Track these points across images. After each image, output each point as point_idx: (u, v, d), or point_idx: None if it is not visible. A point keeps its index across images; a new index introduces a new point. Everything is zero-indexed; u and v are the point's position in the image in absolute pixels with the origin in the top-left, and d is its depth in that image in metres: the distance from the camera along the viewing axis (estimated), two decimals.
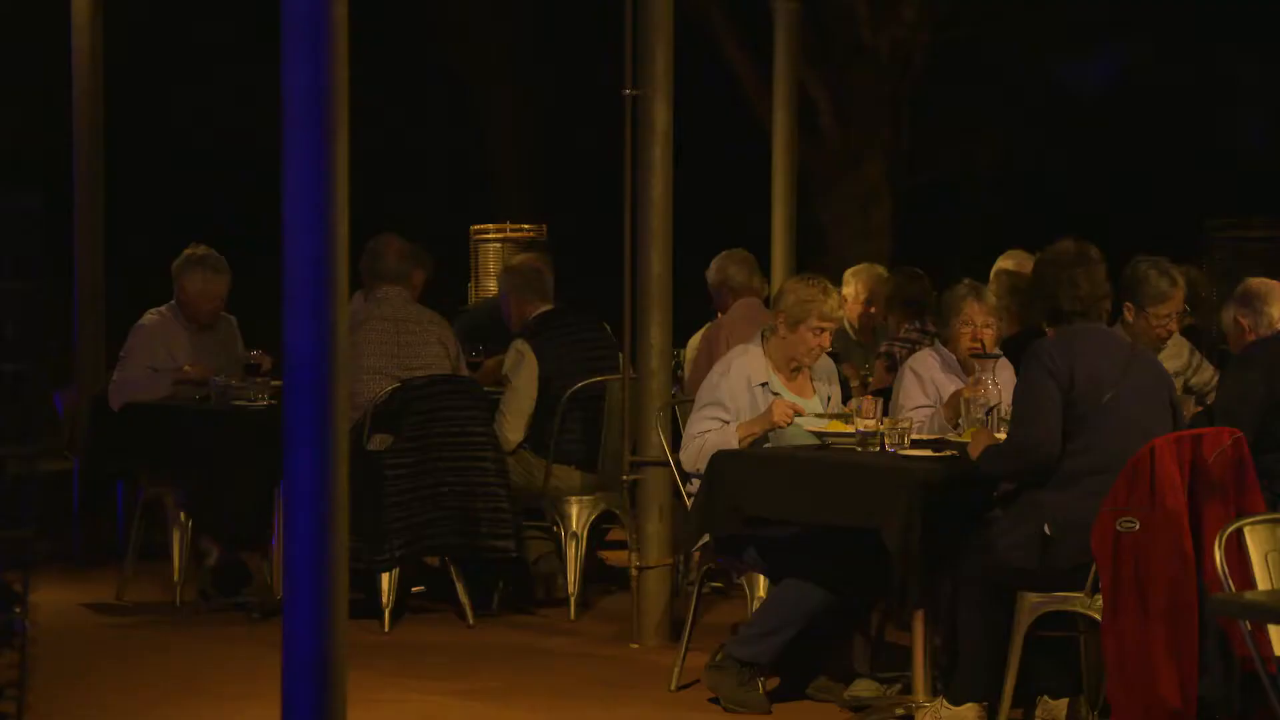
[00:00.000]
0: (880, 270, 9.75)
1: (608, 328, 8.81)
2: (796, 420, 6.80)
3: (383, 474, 7.79)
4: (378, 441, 7.84)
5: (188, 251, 8.68)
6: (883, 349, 8.94)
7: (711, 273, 9.07)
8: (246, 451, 8.03)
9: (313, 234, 3.36)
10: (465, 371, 8.45)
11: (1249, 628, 4.41)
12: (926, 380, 7.20)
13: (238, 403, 8.26)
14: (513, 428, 8.35)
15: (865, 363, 9.13)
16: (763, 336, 7.02)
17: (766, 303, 9.24)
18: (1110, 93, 17.19)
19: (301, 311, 3.38)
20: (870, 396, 6.86)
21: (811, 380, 7.04)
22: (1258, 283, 6.90)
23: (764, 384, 6.90)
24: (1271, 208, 12.29)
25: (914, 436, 6.59)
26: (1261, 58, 15.70)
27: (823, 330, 6.87)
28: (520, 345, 8.42)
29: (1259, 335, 6.74)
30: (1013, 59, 16.77)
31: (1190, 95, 17.12)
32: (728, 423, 6.82)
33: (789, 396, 6.88)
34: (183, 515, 8.35)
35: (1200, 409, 7.07)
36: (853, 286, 9.54)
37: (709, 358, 8.33)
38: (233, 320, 8.89)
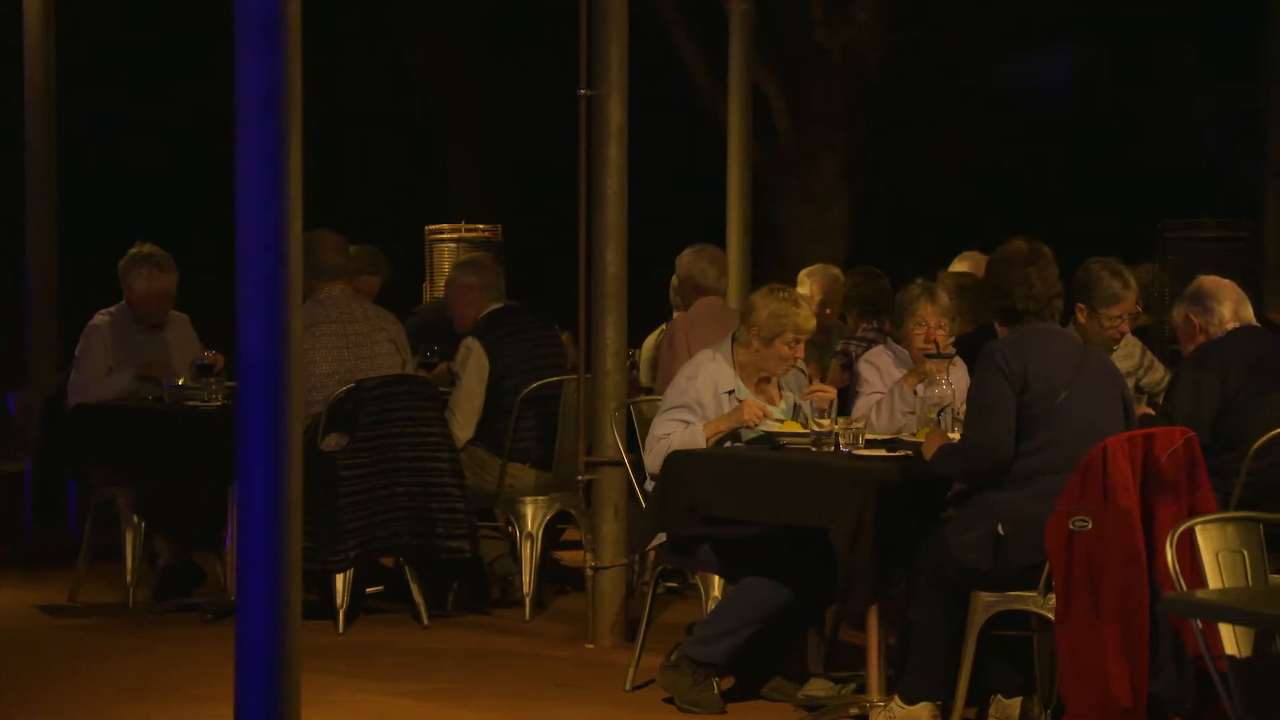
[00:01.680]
0: (835, 271, 9.77)
1: (556, 327, 8.81)
2: (765, 424, 6.81)
3: (337, 474, 7.77)
4: (332, 442, 7.82)
5: (133, 250, 8.66)
6: (839, 348, 8.96)
7: (681, 266, 9.00)
8: (199, 452, 8.00)
9: (266, 233, 3.35)
10: (414, 367, 8.43)
11: (1200, 626, 4.43)
12: (884, 371, 7.25)
13: (191, 403, 8.24)
14: (461, 424, 8.34)
15: (822, 362, 9.15)
16: (731, 343, 6.99)
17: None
18: (1063, 94, 17.27)
19: (255, 311, 3.38)
20: (821, 384, 6.89)
21: (780, 390, 7.04)
22: (1209, 281, 6.92)
23: (730, 391, 6.90)
24: (1223, 208, 12.37)
25: (869, 435, 6.61)
26: (1211, 63, 15.80)
27: (797, 342, 6.88)
28: (470, 342, 8.42)
29: (1210, 334, 6.76)
30: (967, 60, 16.82)
31: (1142, 97, 17.21)
32: (693, 423, 6.82)
33: (756, 401, 6.89)
34: (135, 516, 8.31)
35: (1149, 411, 7.10)
36: (807, 287, 9.56)
37: (671, 355, 8.33)
38: (185, 319, 8.85)
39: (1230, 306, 6.78)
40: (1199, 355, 6.71)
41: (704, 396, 6.86)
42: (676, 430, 6.81)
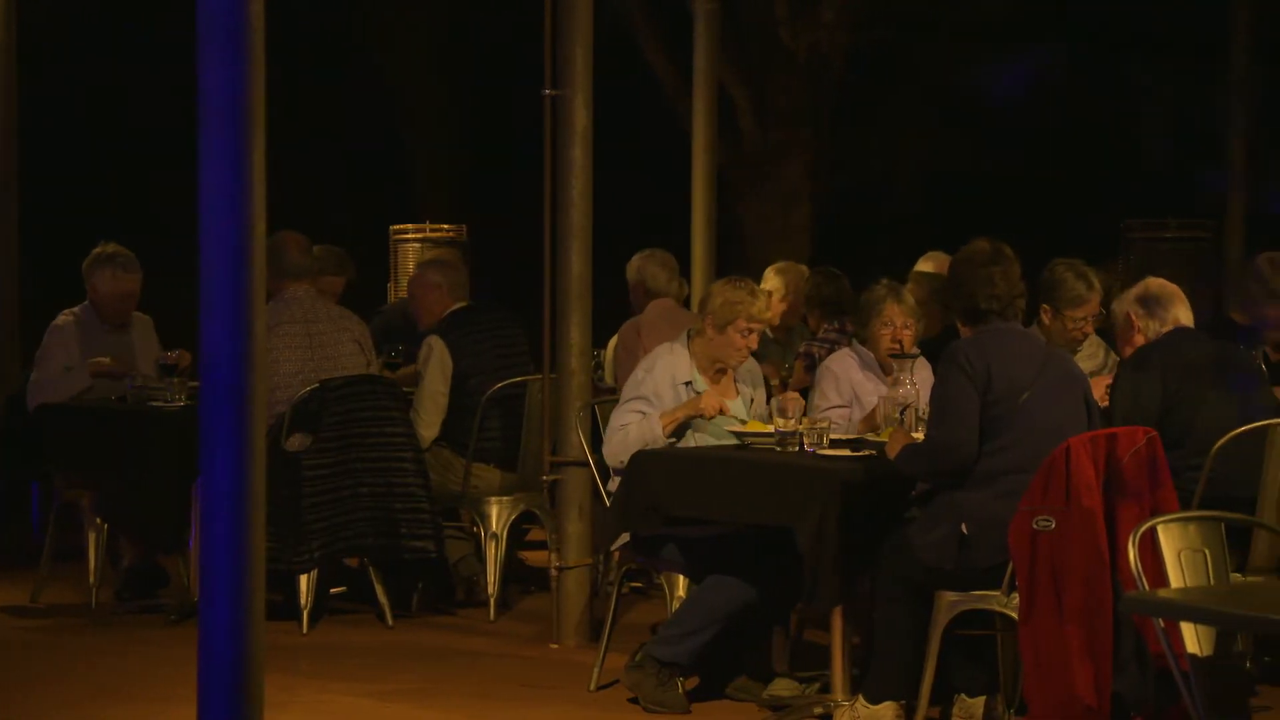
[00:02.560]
0: (803, 269, 9.80)
1: (520, 326, 8.81)
2: (717, 420, 6.83)
3: (301, 475, 7.75)
4: (296, 442, 7.81)
5: (97, 250, 8.63)
6: (802, 349, 8.98)
7: (631, 270, 9.10)
8: (163, 453, 7.98)
9: (229, 232, 3.35)
10: (379, 368, 8.42)
11: (1162, 625, 4.45)
12: (844, 380, 7.24)
13: (154, 404, 8.21)
14: (426, 424, 8.34)
15: (784, 361, 9.17)
16: (688, 336, 7.03)
17: (686, 305, 9.27)
18: (1027, 96, 17.34)
19: (219, 312, 3.37)
20: (793, 393, 6.90)
21: (735, 382, 7.06)
22: (1157, 284, 6.93)
23: (688, 383, 6.92)
24: (1185, 209, 12.44)
25: (833, 436, 6.62)
26: (1169, 65, 15.90)
27: (750, 331, 6.90)
28: (432, 340, 8.41)
29: (1148, 336, 6.78)
30: (932, 61, 16.87)
31: (1104, 100, 17.29)
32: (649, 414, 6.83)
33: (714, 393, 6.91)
34: (98, 517, 8.28)
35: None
36: (776, 282, 9.58)
37: (628, 355, 8.35)
38: (148, 320, 8.83)
39: (1174, 313, 6.79)
40: (1138, 357, 6.72)
41: (661, 388, 6.87)
42: (634, 421, 6.82)
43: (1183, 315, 6.80)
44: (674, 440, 6.82)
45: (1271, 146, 12.51)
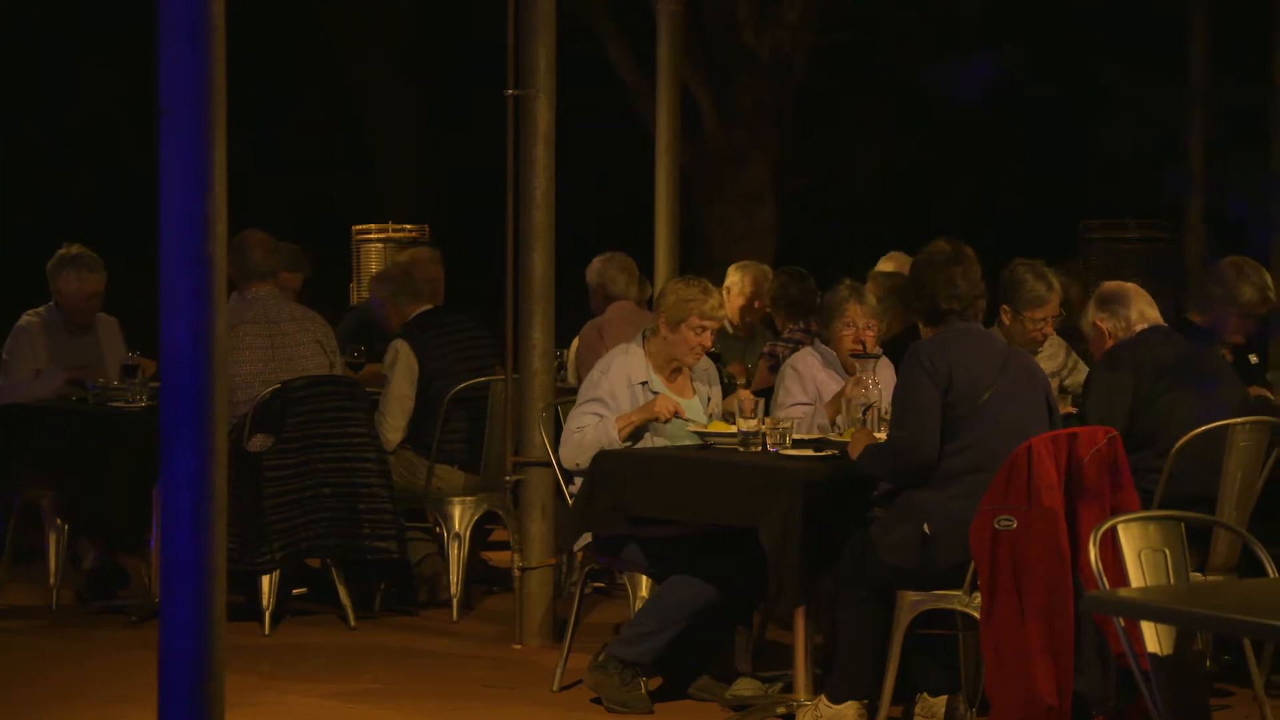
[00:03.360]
0: (765, 268, 9.82)
1: (487, 328, 8.81)
2: (678, 420, 6.83)
3: (263, 476, 7.73)
4: (258, 443, 7.78)
5: (61, 251, 8.61)
6: (766, 349, 9.00)
7: (591, 273, 9.12)
8: (124, 453, 7.95)
9: (190, 233, 3.33)
10: (342, 368, 8.41)
11: (1123, 624, 4.47)
12: (807, 378, 7.25)
13: (115, 404, 8.19)
14: (392, 427, 8.32)
15: (748, 361, 9.18)
16: (644, 336, 7.04)
17: (649, 307, 9.27)
18: (988, 96, 17.40)
19: (179, 311, 3.36)
20: (749, 393, 6.91)
21: (692, 381, 7.07)
22: (1112, 286, 6.98)
23: (644, 383, 6.93)
24: (1144, 209, 12.49)
25: (795, 436, 6.63)
26: (1129, 67, 15.98)
27: (704, 329, 6.90)
28: (398, 344, 8.41)
29: (1118, 337, 6.81)
30: (894, 62, 16.91)
31: (1065, 100, 17.35)
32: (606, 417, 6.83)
33: (670, 395, 6.91)
34: (59, 518, 8.25)
35: (1075, 409, 7.16)
36: (734, 278, 9.59)
37: (590, 356, 8.35)
38: (114, 321, 8.80)
39: (1135, 308, 6.82)
40: (1110, 357, 6.75)
41: (617, 389, 6.88)
42: (590, 424, 6.82)
43: (1149, 311, 6.83)
44: (630, 444, 6.82)
45: (1228, 149, 12.57)
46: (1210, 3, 12.61)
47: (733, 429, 6.65)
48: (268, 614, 7.81)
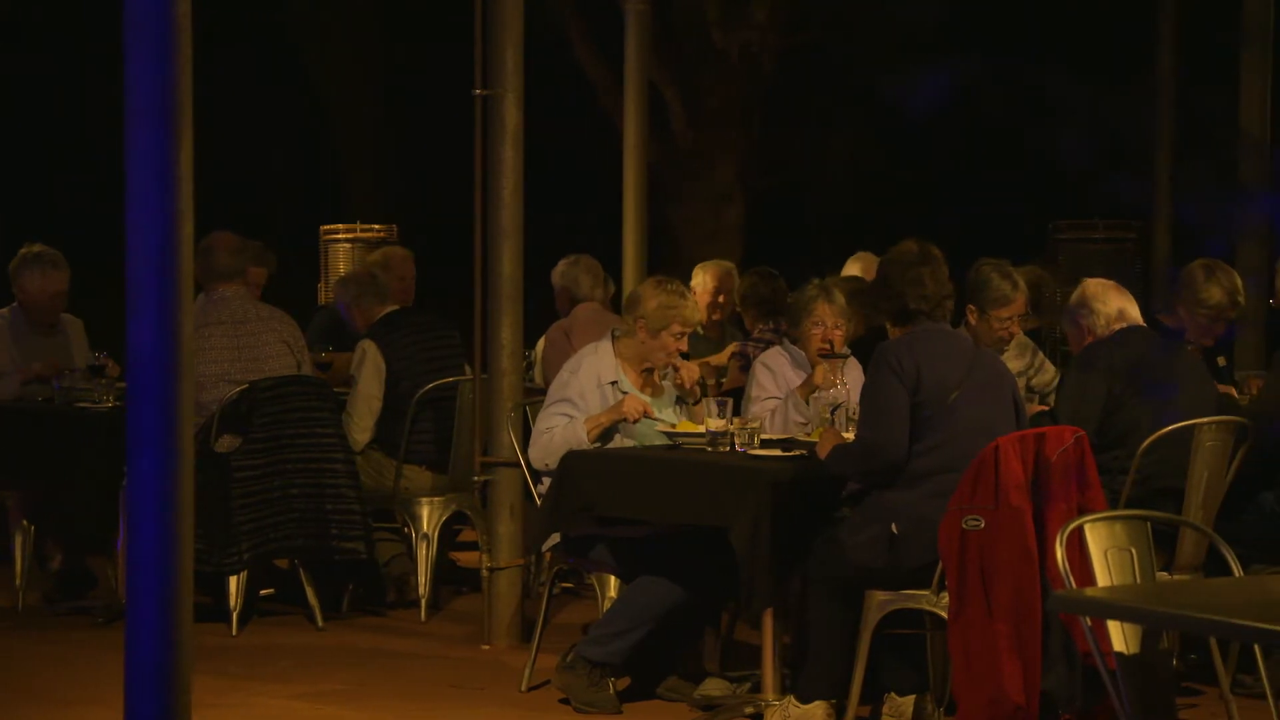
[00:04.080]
0: (728, 265, 9.83)
1: (455, 330, 8.80)
2: (647, 420, 6.83)
3: (231, 476, 7.71)
4: (225, 443, 7.77)
5: (23, 251, 8.57)
6: (737, 349, 9.00)
7: (556, 276, 9.12)
8: (91, 454, 7.92)
9: (156, 233, 3.32)
10: (311, 367, 8.39)
11: (1089, 624, 4.48)
12: (779, 375, 7.27)
13: (81, 405, 8.15)
14: (359, 428, 8.31)
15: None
16: (613, 336, 7.03)
17: (617, 308, 9.27)
18: (953, 99, 17.45)
19: (145, 310, 3.35)
20: (689, 365, 6.95)
21: (660, 380, 7.08)
22: (1093, 284, 7.00)
23: (614, 382, 6.93)
24: (1112, 210, 12.54)
25: (764, 436, 6.64)
26: (1091, 73, 16.06)
27: (682, 335, 6.92)
28: (365, 344, 8.40)
29: (1097, 335, 6.84)
30: (861, 62, 16.94)
31: (1032, 102, 17.40)
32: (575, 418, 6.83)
33: (639, 395, 6.91)
34: (25, 519, 8.22)
35: (1044, 408, 7.17)
36: (701, 280, 9.60)
37: (558, 357, 8.34)
38: (79, 323, 8.77)
39: (1114, 307, 6.84)
40: (1085, 356, 6.78)
41: (586, 390, 6.88)
42: (559, 425, 6.82)
43: (1130, 311, 6.85)
44: (599, 445, 6.82)
45: (1191, 154, 12.64)
46: (1177, 7, 12.66)
47: (701, 429, 6.65)
48: (235, 615, 7.79)
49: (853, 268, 9.35)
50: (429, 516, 8.30)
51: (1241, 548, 5.15)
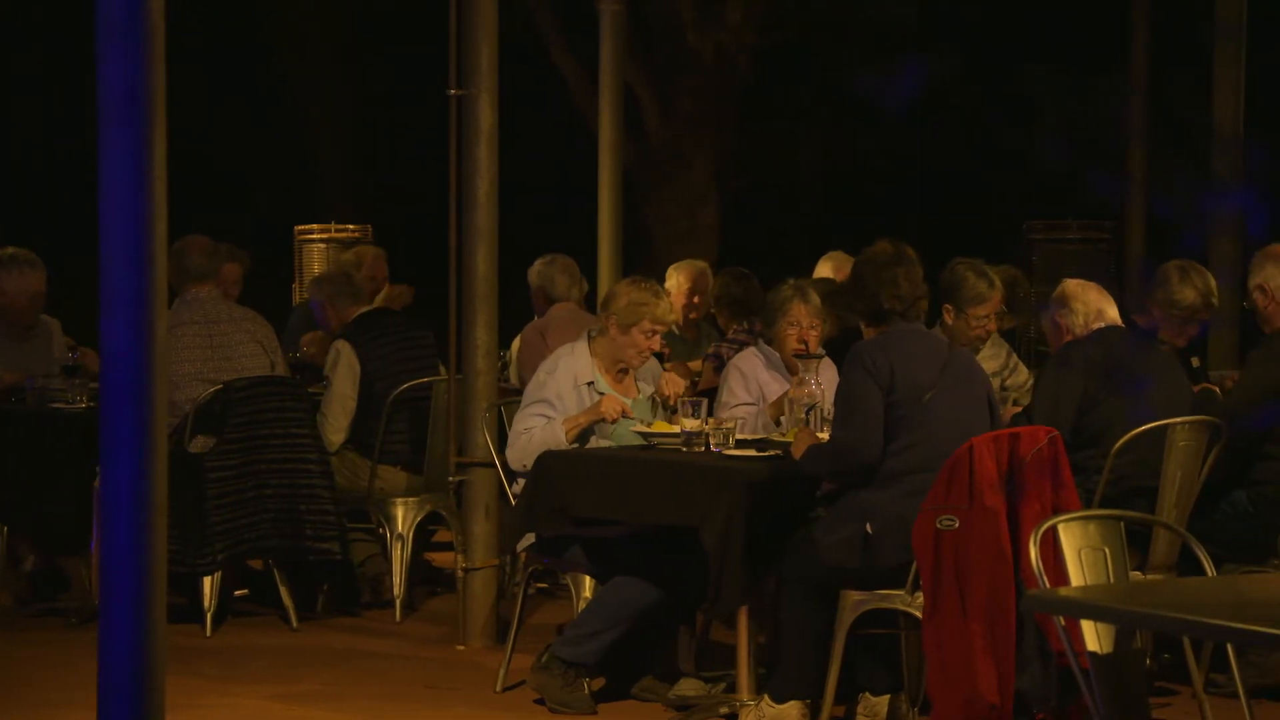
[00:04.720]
0: (702, 264, 9.84)
1: (429, 331, 8.79)
2: (624, 420, 6.83)
3: (205, 476, 7.70)
4: (199, 444, 7.75)
5: None
6: (711, 350, 9.00)
7: (533, 275, 9.11)
8: (64, 454, 7.90)
9: (130, 232, 3.31)
10: (285, 368, 8.38)
11: (1063, 623, 4.49)
12: (750, 378, 7.27)
13: (55, 405, 8.13)
14: (334, 428, 8.30)
15: (693, 360, 9.18)
16: (589, 336, 7.03)
17: (592, 308, 9.27)
18: (928, 97, 17.48)
19: (119, 310, 3.34)
20: (675, 375, 6.95)
21: (636, 380, 7.08)
22: (1072, 283, 7.02)
23: (590, 383, 6.93)
24: (1086, 209, 12.56)
25: (739, 436, 6.64)
26: (1064, 69, 16.11)
27: (654, 334, 6.92)
28: (339, 344, 8.39)
29: (1075, 334, 6.86)
30: (836, 62, 16.96)
31: (1005, 101, 17.44)
32: (553, 419, 6.83)
33: (617, 395, 6.91)
34: None
35: (1019, 409, 7.19)
36: (675, 280, 9.61)
37: (533, 357, 8.34)
38: (56, 323, 8.74)
39: (1094, 307, 6.86)
40: (1061, 355, 6.79)
41: (563, 390, 6.88)
42: (537, 426, 6.82)
43: (1108, 311, 6.86)
44: (577, 445, 6.82)
45: (1166, 151, 12.67)
46: (1151, 5, 12.70)
47: (676, 429, 6.66)
48: (209, 615, 7.78)
49: (824, 267, 9.36)
50: (404, 517, 8.29)
51: (1214, 547, 5.17)
